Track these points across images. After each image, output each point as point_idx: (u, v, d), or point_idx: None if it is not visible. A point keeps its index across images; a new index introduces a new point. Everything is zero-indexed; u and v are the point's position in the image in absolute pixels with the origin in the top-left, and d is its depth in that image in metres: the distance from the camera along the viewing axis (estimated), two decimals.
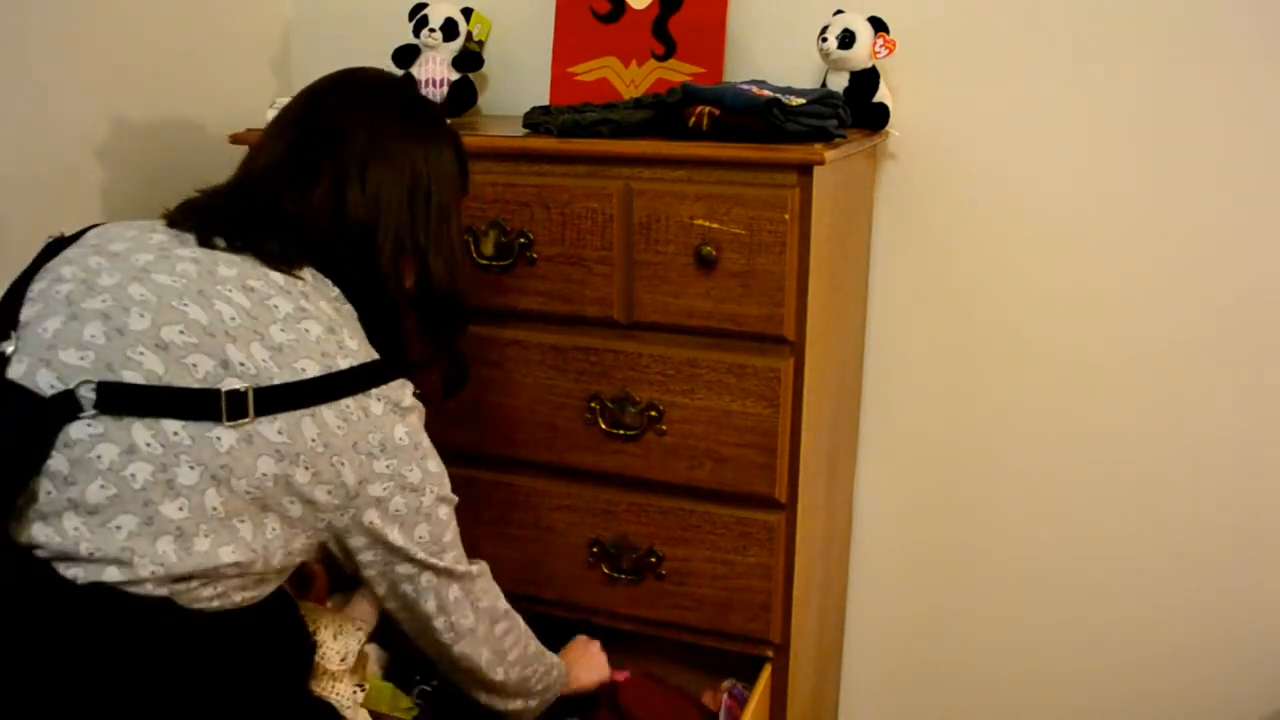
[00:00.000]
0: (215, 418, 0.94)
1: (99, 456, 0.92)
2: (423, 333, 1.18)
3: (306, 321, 1.02)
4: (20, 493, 0.92)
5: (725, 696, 1.47)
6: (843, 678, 1.91)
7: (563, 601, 1.49)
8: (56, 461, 0.92)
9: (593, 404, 1.39)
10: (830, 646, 1.76)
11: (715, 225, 1.28)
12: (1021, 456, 1.70)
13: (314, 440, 0.99)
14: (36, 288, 1.00)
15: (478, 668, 1.22)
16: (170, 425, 0.93)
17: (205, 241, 1.05)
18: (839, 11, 1.55)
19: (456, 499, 1.16)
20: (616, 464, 1.40)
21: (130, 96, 1.68)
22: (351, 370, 1.03)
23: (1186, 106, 1.51)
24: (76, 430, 0.92)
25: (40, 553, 0.91)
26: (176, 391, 0.94)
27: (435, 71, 1.72)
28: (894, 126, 1.60)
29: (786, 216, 1.25)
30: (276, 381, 0.97)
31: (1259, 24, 1.45)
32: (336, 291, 1.08)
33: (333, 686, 1.21)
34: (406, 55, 1.74)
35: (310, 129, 1.12)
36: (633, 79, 1.63)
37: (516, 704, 1.30)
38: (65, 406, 0.92)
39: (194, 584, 0.95)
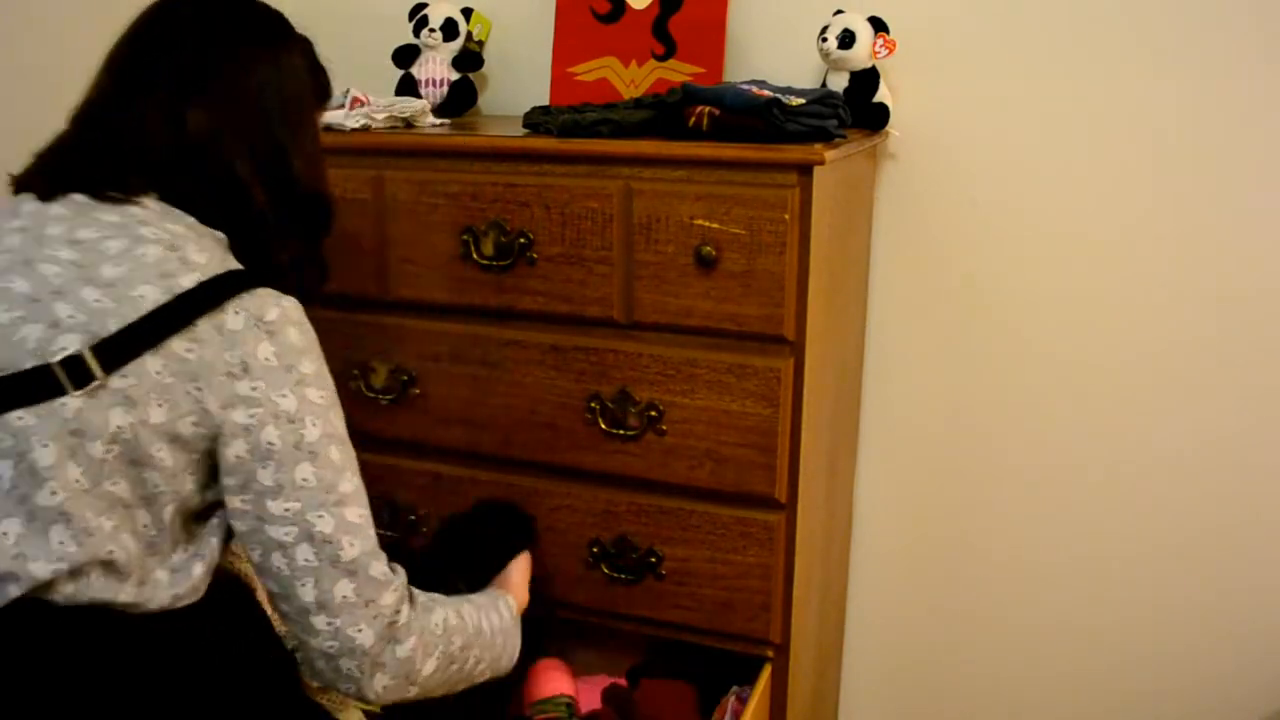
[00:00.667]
0: (59, 392, 0.89)
1: None
2: (289, 236, 1.09)
3: (142, 247, 0.95)
4: None
5: (733, 700, 1.47)
6: (843, 678, 1.91)
7: (563, 601, 1.49)
8: None
9: (593, 404, 1.39)
10: (830, 646, 1.76)
11: (715, 225, 1.28)
12: (1021, 456, 1.70)
13: (159, 372, 0.92)
14: None
15: (361, 689, 1.02)
16: (13, 416, 0.89)
17: (46, 196, 1.01)
18: (839, 11, 1.55)
19: (353, 451, 1.03)
20: (616, 464, 1.40)
21: None
22: (198, 287, 0.95)
23: (1186, 106, 1.51)
24: None
25: None
26: (7, 381, 0.89)
27: (435, 71, 1.72)
28: (894, 126, 1.60)
29: (786, 216, 1.25)
30: (112, 326, 0.91)
31: (1259, 24, 1.45)
32: (190, 218, 1.01)
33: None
34: (406, 55, 1.74)
35: (136, 53, 1.06)
36: (633, 79, 1.63)
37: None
38: None
39: (104, 578, 0.91)
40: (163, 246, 0.96)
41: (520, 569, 1.35)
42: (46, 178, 1.03)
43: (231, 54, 1.05)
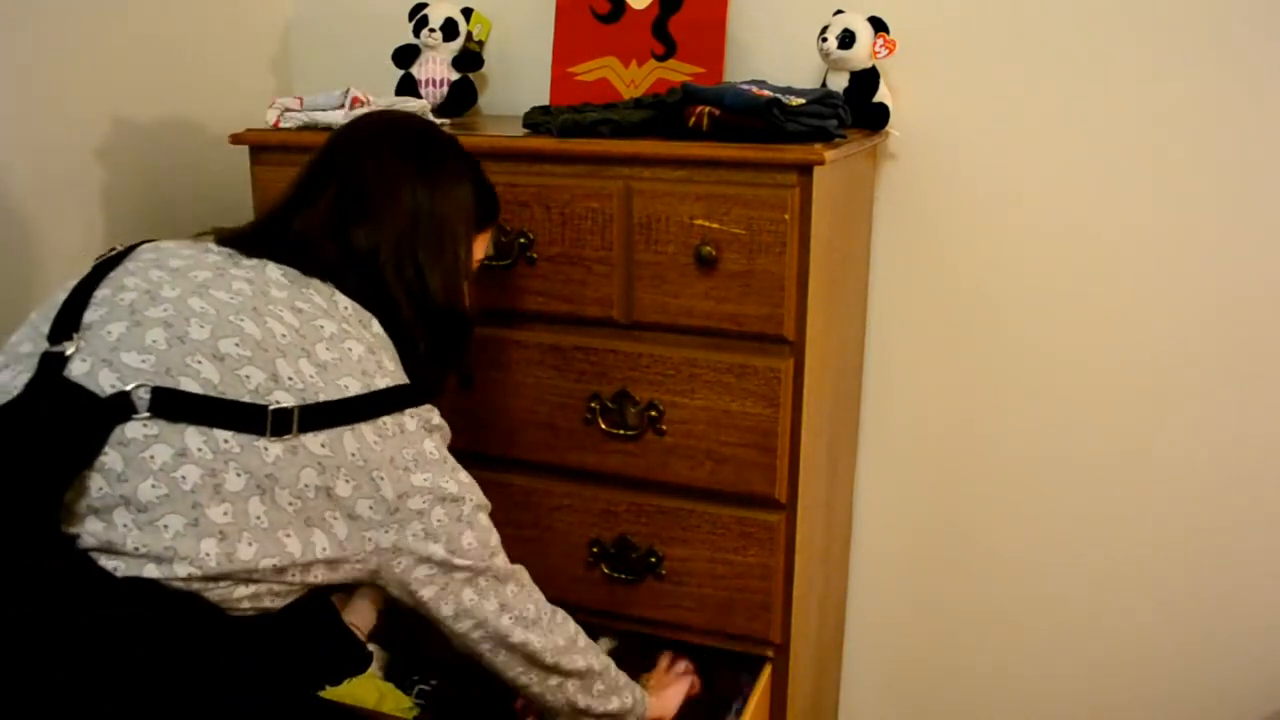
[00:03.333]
0: (261, 432, 0.98)
1: (152, 457, 0.95)
2: (431, 353, 1.20)
3: (349, 342, 1.08)
4: (70, 486, 0.94)
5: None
6: (843, 678, 1.91)
7: (563, 601, 1.48)
8: (110, 459, 0.94)
9: (593, 404, 1.39)
10: (830, 646, 1.76)
11: (715, 225, 1.28)
12: (1021, 456, 1.70)
13: (354, 454, 1.03)
14: (100, 294, 1.04)
15: (540, 651, 1.20)
16: (221, 434, 0.97)
17: (247, 254, 1.13)
18: (839, 11, 1.55)
19: (490, 505, 1.17)
20: (616, 464, 1.40)
21: (130, 96, 1.68)
22: (389, 390, 1.08)
23: (1186, 106, 1.51)
24: (132, 430, 0.95)
25: (85, 542, 0.94)
26: (228, 404, 0.98)
27: (435, 71, 1.72)
28: (894, 126, 1.60)
29: (786, 216, 1.25)
30: (321, 398, 1.02)
31: (1259, 24, 1.45)
32: (376, 323, 1.14)
33: None
34: (406, 55, 1.74)
35: (322, 160, 1.20)
36: (633, 79, 1.63)
37: (573, 689, 1.25)
38: (120, 407, 0.96)
39: (226, 583, 0.97)
40: (364, 347, 1.09)
41: (674, 695, 1.41)
42: (245, 244, 1.14)
43: (393, 180, 1.18)
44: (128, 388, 0.96)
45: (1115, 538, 1.68)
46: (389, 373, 1.09)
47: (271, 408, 0.99)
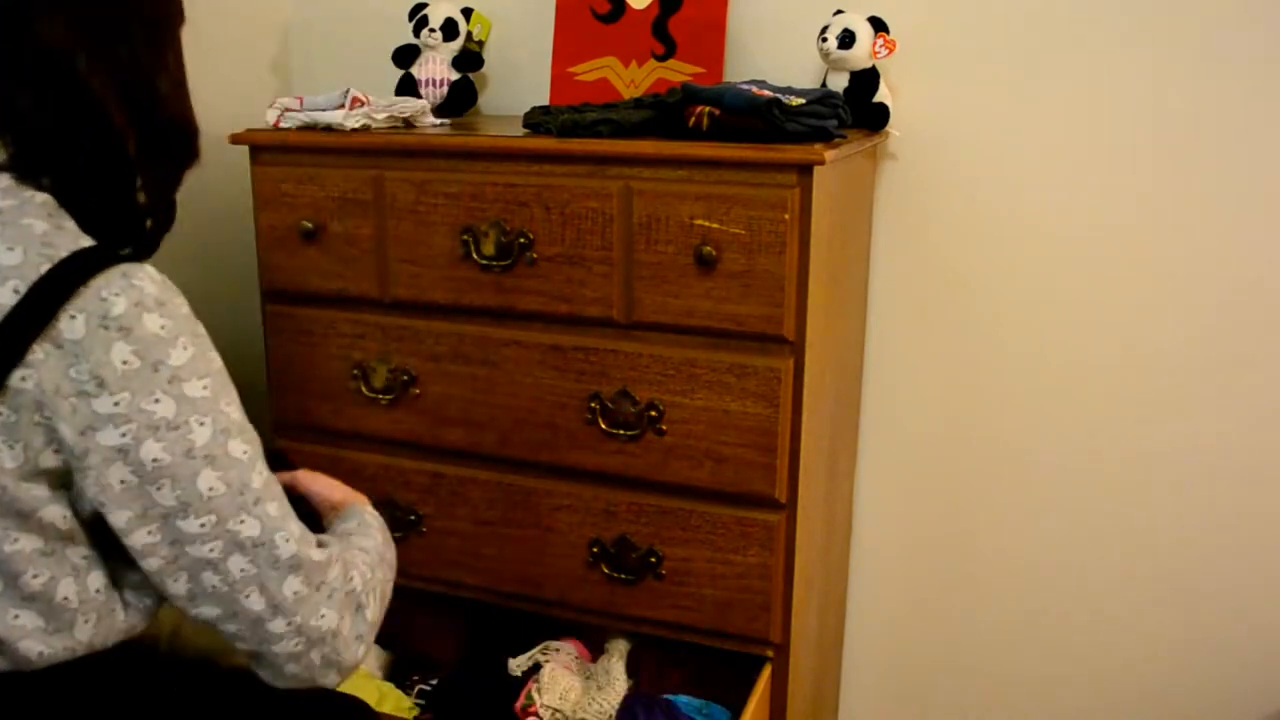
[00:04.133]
0: None
1: None
2: (147, 169, 0.94)
3: None
4: None
5: None
6: (843, 678, 1.91)
7: (563, 601, 1.49)
8: None
9: (593, 404, 1.39)
10: (830, 646, 1.76)
11: (715, 225, 1.28)
12: (1021, 456, 1.70)
13: None
14: None
15: (342, 668, 0.96)
16: None
17: None
18: (839, 11, 1.55)
19: (255, 437, 0.90)
20: (616, 464, 1.40)
21: None
22: (16, 308, 0.79)
23: (1186, 105, 1.51)
24: None
25: None
26: None
27: (435, 71, 1.72)
28: (894, 126, 1.60)
29: (786, 216, 1.25)
30: None
31: (1260, 24, 1.45)
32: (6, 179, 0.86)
33: None
34: (406, 55, 1.74)
35: None
36: (633, 79, 1.63)
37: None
38: None
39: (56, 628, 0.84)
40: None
41: (331, 483, 1.15)
42: None
43: None
44: None
45: (1115, 537, 1.68)
46: (9, 271, 0.80)
47: None
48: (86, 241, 0.85)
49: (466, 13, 1.74)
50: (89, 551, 0.88)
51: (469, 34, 1.75)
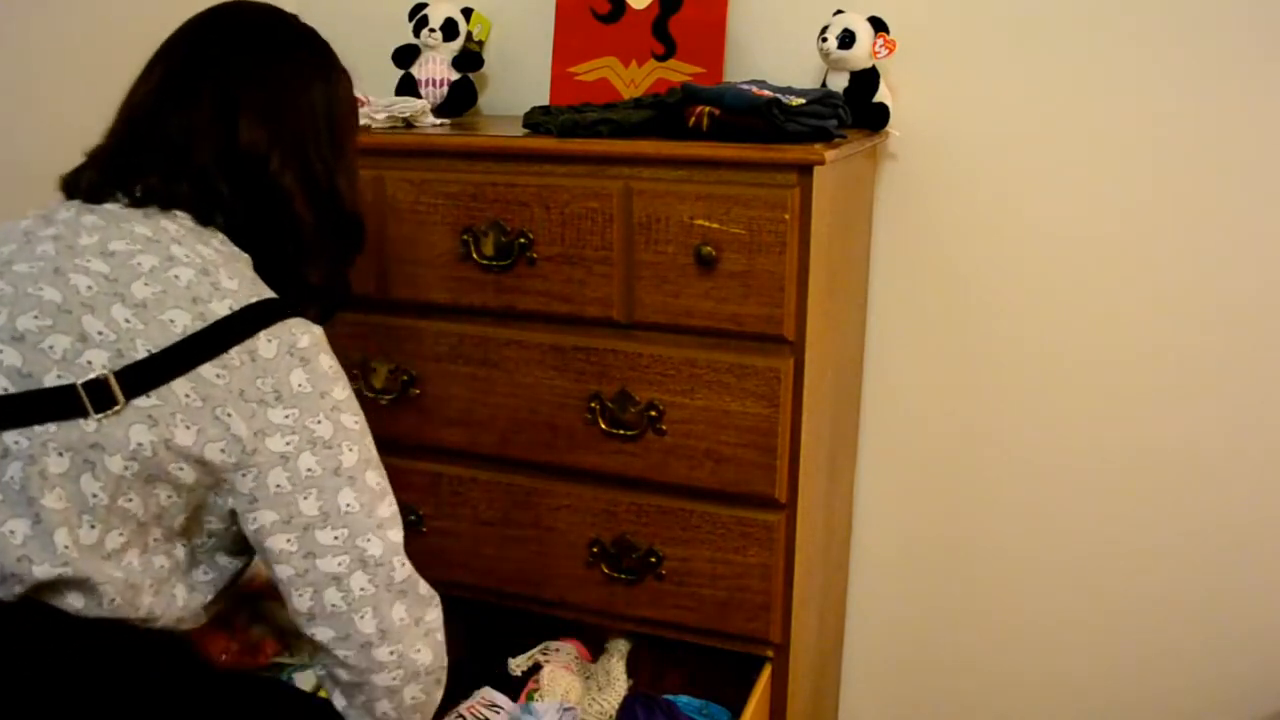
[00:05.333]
0: (82, 413, 0.90)
1: None
2: (324, 254, 1.09)
3: (176, 269, 0.95)
4: None
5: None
6: (843, 678, 1.91)
7: (563, 601, 1.49)
8: None
9: (593, 404, 1.39)
10: (830, 646, 1.76)
11: (715, 225, 1.28)
12: (1021, 456, 1.70)
13: (189, 396, 0.92)
14: None
15: (427, 714, 1.06)
16: (38, 427, 0.90)
17: (92, 198, 1.02)
18: (839, 11, 1.55)
19: (385, 476, 1.03)
20: (616, 464, 1.40)
21: None
22: (229, 318, 0.94)
23: (1187, 106, 1.51)
24: None
25: None
26: (35, 396, 0.90)
27: (435, 71, 1.72)
28: (894, 126, 1.60)
29: (786, 216, 1.25)
30: (141, 350, 0.91)
31: (1260, 24, 1.45)
32: (220, 237, 1.02)
33: None
34: (406, 55, 1.74)
35: (192, 55, 1.07)
36: (633, 79, 1.63)
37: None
38: None
39: (112, 594, 0.92)
40: (195, 270, 0.96)
41: None
42: (94, 179, 1.03)
43: (290, 68, 1.07)
44: None
45: (1115, 537, 1.68)
46: (228, 293, 0.96)
47: (81, 382, 0.89)
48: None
49: (466, 13, 1.74)
50: (159, 534, 0.97)
51: (469, 34, 1.75)
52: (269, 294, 0.99)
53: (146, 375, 0.91)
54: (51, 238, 0.98)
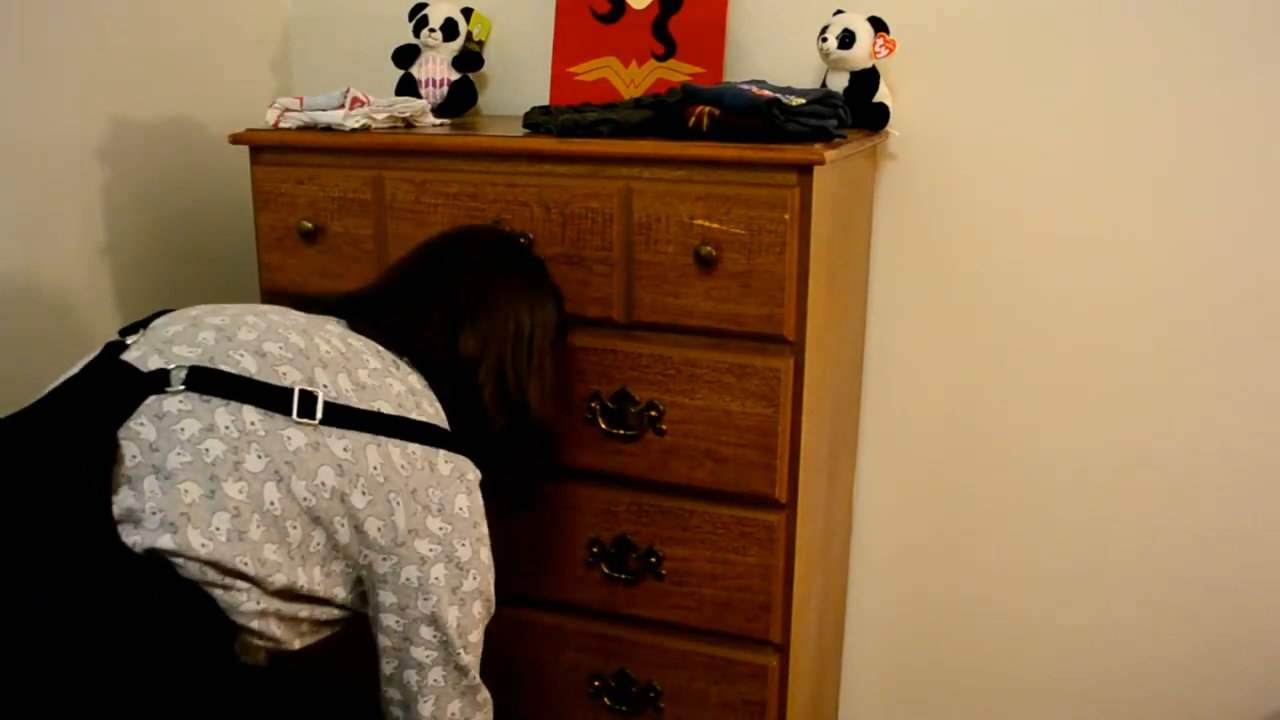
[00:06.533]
0: (286, 411, 1.02)
1: (182, 429, 0.99)
2: (512, 460, 1.24)
3: (391, 379, 1.12)
4: (111, 455, 0.98)
5: None
6: (843, 678, 1.91)
7: (563, 601, 1.49)
8: (146, 430, 0.99)
9: (593, 404, 1.39)
10: (830, 646, 1.76)
11: (715, 225, 1.28)
12: (1021, 457, 1.70)
13: (376, 469, 1.06)
14: (172, 313, 1.12)
15: None
16: (249, 413, 1.01)
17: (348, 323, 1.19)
18: (839, 11, 1.55)
19: (493, 610, 1.17)
20: (616, 464, 1.40)
21: (130, 97, 1.68)
22: (424, 424, 1.10)
23: (1187, 107, 1.51)
24: (169, 404, 1.00)
25: (116, 511, 0.97)
26: (257, 384, 1.02)
27: (435, 71, 1.72)
28: (894, 126, 1.60)
29: (786, 216, 1.25)
30: (351, 405, 1.06)
31: (1263, 24, 1.45)
32: (434, 399, 1.17)
33: None
34: (406, 55, 1.74)
35: (428, 268, 1.26)
36: (633, 79, 1.63)
37: None
38: (157, 381, 1.01)
39: (233, 581, 0.99)
40: (406, 388, 1.13)
41: None
42: (341, 313, 1.21)
43: (503, 293, 1.23)
44: (169, 367, 1.02)
45: (1115, 537, 1.68)
46: (426, 414, 1.12)
47: (298, 388, 1.03)
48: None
49: (466, 13, 1.74)
50: (306, 581, 1.06)
51: (469, 34, 1.75)
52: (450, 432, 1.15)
53: (346, 417, 1.05)
54: (305, 317, 1.16)
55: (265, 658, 1.09)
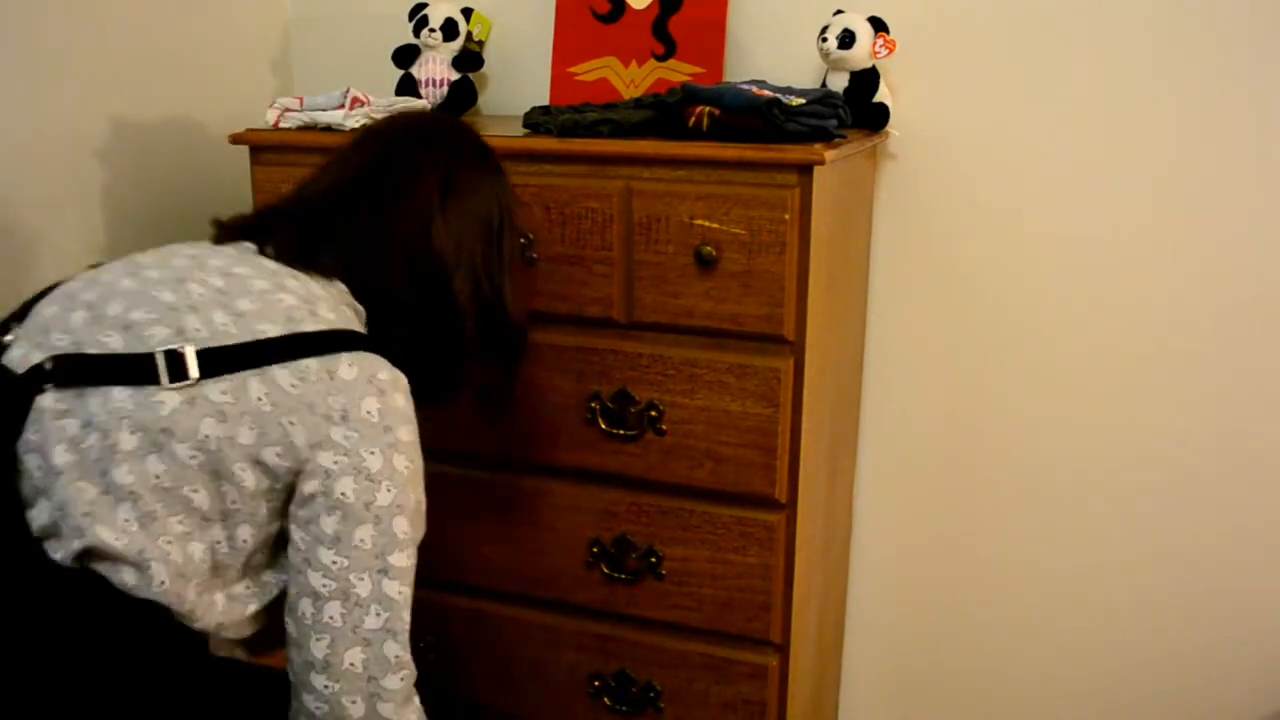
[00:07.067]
0: (155, 380, 0.94)
1: (64, 427, 0.94)
2: (488, 363, 1.18)
3: (282, 294, 1.01)
4: (9, 472, 0.94)
5: None
6: (843, 678, 1.91)
7: (563, 601, 1.49)
8: (36, 436, 0.94)
9: (593, 404, 1.39)
10: (830, 646, 1.76)
11: (715, 225, 1.28)
12: (1021, 456, 1.70)
13: (261, 399, 0.96)
14: (54, 290, 1.04)
15: None
16: (117, 393, 0.94)
17: (263, 250, 1.09)
18: (839, 11, 1.55)
19: (423, 528, 1.04)
20: (616, 464, 1.40)
21: (130, 97, 1.68)
22: (318, 334, 0.99)
23: (1187, 106, 1.51)
24: (45, 402, 0.95)
25: (34, 528, 0.93)
26: (119, 358, 0.95)
27: (435, 71, 1.72)
28: (894, 126, 1.60)
29: (786, 216, 1.25)
30: (227, 344, 0.96)
31: (1261, 24, 1.45)
32: (352, 303, 1.08)
33: None
34: (406, 55, 1.74)
35: (382, 158, 1.15)
36: (633, 79, 1.63)
37: None
38: (34, 379, 0.95)
39: (166, 579, 0.94)
40: (300, 299, 1.02)
41: None
42: (260, 239, 1.10)
43: (471, 178, 1.14)
44: (42, 361, 0.95)
45: (1115, 537, 1.68)
46: (325, 321, 1.01)
47: (162, 351, 0.95)
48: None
49: (466, 13, 1.74)
50: (222, 536, 0.99)
51: (469, 34, 1.75)
52: (364, 332, 1.05)
53: (222, 360, 0.95)
54: (189, 255, 1.06)
55: (242, 651, 1.07)
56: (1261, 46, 1.46)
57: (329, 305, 1.04)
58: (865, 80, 1.54)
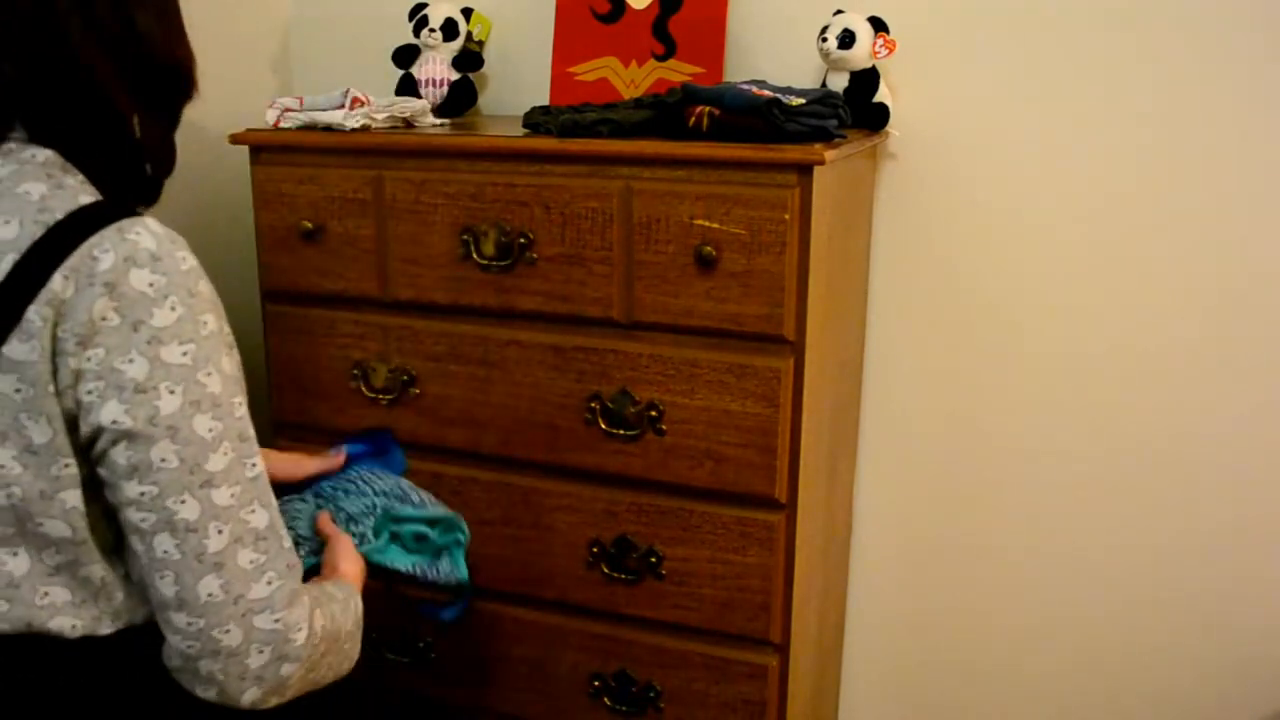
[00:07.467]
0: None
1: None
2: (144, 111, 0.93)
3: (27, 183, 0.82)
4: None
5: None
6: (843, 678, 1.91)
7: (563, 601, 1.49)
8: None
9: (593, 404, 1.39)
10: (830, 646, 1.76)
11: (715, 225, 1.28)
12: (1021, 456, 1.70)
13: (18, 390, 0.80)
14: None
15: (226, 694, 0.88)
16: None
17: None
18: (839, 11, 1.55)
19: (241, 393, 0.87)
20: (616, 464, 1.40)
21: None
22: (13, 271, 0.80)
23: (1187, 105, 1.51)
24: None
25: None
26: None
27: (435, 71, 1.72)
28: (894, 126, 1.60)
29: (786, 216, 1.25)
30: None
31: (1261, 23, 1.45)
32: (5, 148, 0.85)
33: None
34: (406, 55, 1.74)
35: None
36: (633, 79, 1.63)
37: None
38: None
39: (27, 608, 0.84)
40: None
41: (351, 557, 1.09)
42: None
43: None
44: None
45: (1115, 537, 1.68)
46: (7, 244, 0.80)
47: None
48: (87, 198, 0.83)
49: (466, 13, 1.74)
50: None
51: (469, 34, 1.75)
52: (58, 213, 0.81)
53: None
54: None
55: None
56: (1262, 47, 1.46)
57: (2, 207, 0.81)
58: (865, 80, 1.54)
